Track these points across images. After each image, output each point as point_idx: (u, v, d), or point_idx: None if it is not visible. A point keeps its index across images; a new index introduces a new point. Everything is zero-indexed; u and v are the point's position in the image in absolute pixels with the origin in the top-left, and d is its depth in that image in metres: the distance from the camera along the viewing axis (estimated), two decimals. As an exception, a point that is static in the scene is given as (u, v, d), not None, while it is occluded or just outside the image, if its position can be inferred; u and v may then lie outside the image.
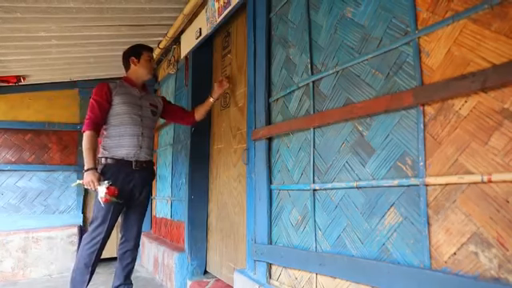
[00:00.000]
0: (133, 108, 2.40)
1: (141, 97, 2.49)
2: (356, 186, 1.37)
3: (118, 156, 2.34)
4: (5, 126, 4.03)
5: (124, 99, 2.37)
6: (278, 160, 1.87)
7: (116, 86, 2.40)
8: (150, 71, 2.55)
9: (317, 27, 1.65)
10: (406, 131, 1.20)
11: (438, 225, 1.07)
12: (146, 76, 2.54)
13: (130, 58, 2.50)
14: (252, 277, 1.94)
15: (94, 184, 2.19)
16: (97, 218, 2.28)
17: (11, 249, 3.78)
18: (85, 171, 2.21)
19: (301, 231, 1.67)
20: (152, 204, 4.35)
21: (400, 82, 1.23)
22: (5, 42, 2.95)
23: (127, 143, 2.36)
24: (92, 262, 2.26)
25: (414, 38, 1.18)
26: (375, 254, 1.28)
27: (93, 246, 2.26)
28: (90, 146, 2.23)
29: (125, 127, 2.36)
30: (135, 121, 2.39)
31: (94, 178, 2.19)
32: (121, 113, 2.36)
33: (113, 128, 2.36)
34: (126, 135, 2.36)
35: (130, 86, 2.47)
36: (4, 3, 2.38)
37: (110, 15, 2.81)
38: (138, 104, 2.44)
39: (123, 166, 2.33)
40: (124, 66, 2.56)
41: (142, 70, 2.50)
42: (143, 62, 2.50)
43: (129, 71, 2.53)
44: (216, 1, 2.55)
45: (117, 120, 2.36)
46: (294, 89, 1.77)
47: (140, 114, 2.43)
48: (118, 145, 2.35)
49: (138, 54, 2.50)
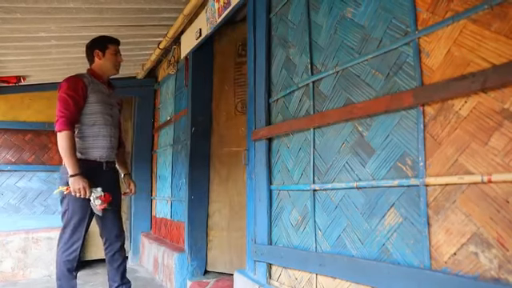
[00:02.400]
0: (105, 107, 2.26)
1: (109, 94, 2.35)
2: (356, 186, 1.37)
3: (91, 158, 2.19)
4: (5, 126, 4.03)
5: (98, 97, 2.21)
6: (278, 160, 1.87)
7: (90, 81, 2.21)
8: (116, 66, 2.36)
9: (317, 27, 1.65)
10: (406, 131, 1.20)
11: (438, 225, 1.07)
12: (111, 71, 2.35)
13: (94, 50, 2.30)
14: (252, 277, 1.94)
15: (86, 191, 2.03)
16: (70, 224, 2.13)
17: (11, 249, 3.78)
18: (70, 177, 2.01)
19: (301, 231, 1.67)
20: (152, 204, 4.35)
21: (400, 83, 1.23)
22: (5, 43, 2.95)
23: (101, 145, 2.23)
24: (75, 267, 2.18)
25: (414, 38, 1.18)
26: (375, 254, 1.28)
27: (73, 252, 2.15)
28: (71, 147, 2.04)
29: (98, 128, 2.22)
30: (107, 121, 2.26)
31: (86, 185, 2.02)
32: (94, 112, 2.20)
33: (86, 128, 2.19)
34: (100, 136, 2.22)
35: (99, 83, 2.28)
36: (4, 4, 2.38)
37: (110, 15, 2.81)
38: (108, 103, 2.30)
39: (96, 168, 2.20)
40: (87, 59, 2.36)
41: (107, 63, 2.31)
42: (108, 56, 2.31)
43: (93, 65, 2.33)
44: (216, 1, 2.55)
45: (90, 120, 2.19)
46: (294, 89, 1.77)
47: (111, 114, 2.31)
48: (92, 146, 2.20)
49: (103, 47, 2.31)
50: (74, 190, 2.02)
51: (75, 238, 2.15)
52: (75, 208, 2.11)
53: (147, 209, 4.35)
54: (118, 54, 2.38)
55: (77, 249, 2.16)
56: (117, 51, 2.37)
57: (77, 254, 2.17)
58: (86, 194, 2.03)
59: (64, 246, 2.15)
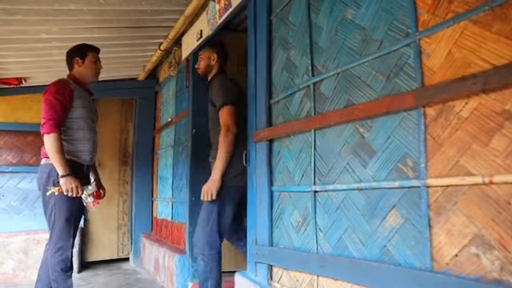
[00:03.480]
0: (88, 112, 2.33)
1: (90, 101, 2.43)
2: (357, 187, 1.37)
3: (77, 160, 2.26)
4: (6, 127, 4.03)
5: (82, 103, 2.29)
6: (279, 162, 1.87)
7: (74, 87, 2.28)
8: (95, 73, 2.42)
9: (317, 29, 1.65)
10: (406, 133, 1.20)
11: (439, 226, 1.07)
12: (90, 78, 2.42)
13: (73, 58, 2.37)
14: (253, 279, 1.94)
15: (79, 190, 2.09)
16: (58, 224, 2.16)
17: (12, 250, 3.78)
18: (61, 177, 2.07)
19: (302, 233, 1.66)
20: (153, 205, 4.35)
21: (401, 84, 1.23)
22: (6, 44, 2.96)
23: (86, 148, 2.30)
24: (69, 267, 2.20)
25: (414, 39, 1.18)
26: (376, 255, 1.28)
27: (64, 251, 2.17)
28: (61, 150, 2.10)
29: (83, 132, 2.29)
30: (89, 126, 2.33)
31: (78, 184, 2.09)
32: (79, 117, 2.27)
33: (71, 131, 2.26)
34: (85, 140, 2.29)
35: (81, 89, 2.35)
36: (5, 5, 2.39)
37: (111, 17, 2.82)
38: (90, 108, 2.38)
39: (79, 170, 2.25)
40: (68, 66, 2.42)
41: (86, 71, 2.37)
42: (88, 63, 2.37)
43: (73, 71, 2.39)
44: (217, 2, 2.56)
45: (75, 124, 2.26)
46: (294, 90, 1.77)
47: (92, 119, 2.39)
48: (77, 149, 2.27)
49: (83, 55, 2.36)
50: (66, 190, 2.07)
51: (65, 237, 2.17)
52: (62, 208, 2.15)
53: (148, 210, 4.35)
54: (98, 62, 2.44)
55: (68, 248, 2.19)
56: (96, 59, 2.43)
57: (69, 254, 2.19)
58: (78, 193, 2.09)
59: (54, 246, 2.17)
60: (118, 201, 4.62)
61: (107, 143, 4.58)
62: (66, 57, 2.40)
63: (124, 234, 4.58)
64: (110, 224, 4.52)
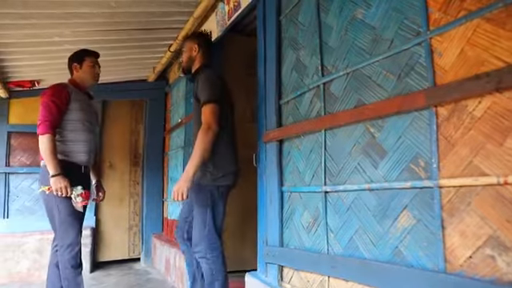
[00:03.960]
0: (86, 115, 2.38)
1: (89, 104, 2.49)
2: (368, 188, 1.36)
3: (72, 160, 2.31)
4: (20, 129, 4.11)
5: (79, 106, 2.34)
6: (289, 162, 1.87)
7: (72, 90, 2.34)
8: (94, 77, 2.48)
9: (327, 29, 1.64)
10: (418, 133, 1.19)
11: (452, 227, 1.06)
12: (88, 82, 2.48)
13: (72, 64, 2.45)
14: (263, 279, 1.94)
15: (67, 190, 2.14)
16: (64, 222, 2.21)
17: (27, 250, 3.84)
18: (52, 177, 2.12)
19: (312, 233, 1.66)
20: (163, 206, 4.38)
21: (412, 83, 1.22)
22: (20, 48, 3.01)
23: (82, 149, 2.34)
24: (78, 263, 2.24)
25: (425, 38, 1.17)
26: (388, 256, 1.27)
27: (74, 247, 2.21)
28: (53, 150, 2.16)
29: (79, 133, 2.34)
30: (87, 128, 2.39)
31: (67, 184, 2.13)
32: (76, 119, 2.32)
33: (66, 133, 2.31)
34: (81, 141, 2.34)
35: (80, 92, 2.42)
36: (20, 10, 2.43)
37: (121, 20, 2.85)
38: (88, 111, 2.44)
39: (75, 170, 2.29)
40: (69, 71, 2.50)
41: (84, 76, 2.44)
42: (85, 68, 2.44)
43: (73, 76, 2.47)
44: (226, 3, 2.57)
45: (72, 125, 2.31)
46: (304, 91, 1.76)
47: (90, 121, 2.44)
48: (73, 150, 2.31)
49: (81, 60, 2.44)
50: (55, 189, 2.12)
51: (72, 233, 2.21)
52: (66, 206, 2.20)
53: (159, 211, 4.38)
54: (96, 66, 2.50)
55: (76, 244, 2.22)
56: (94, 63, 2.48)
57: (78, 250, 2.23)
58: (66, 193, 2.14)
59: (63, 244, 2.21)
60: (129, 201, 4.66)
61: (118, 145, 4.63)
62: (67, 63, 2.48)
63: (135, 235, 4.62)
64: (122, 224, 4.56)
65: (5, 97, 4.00)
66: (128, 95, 4.49)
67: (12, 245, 3.80)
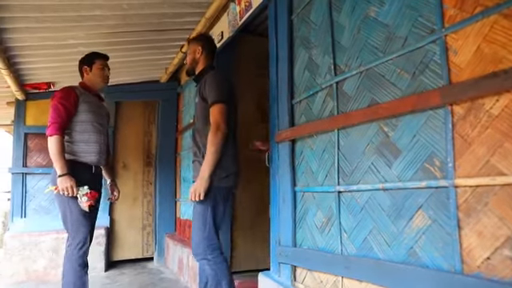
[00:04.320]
0: (95, 116, 2.43)
1: (99, 105, 2.54)
2: (382, 187, 1.35)
3: (82, 160, 2.35)
4: (36, 130, 4.18)
5: (89, 107, 2.39)
6: (302, 162, 1.86)
7: (81, 92, 2.40)
8: (104, 79, 2.53)
9: (339, 28, 1.63)
10: (433, 132, 1.17)
11: (469, 228, 1.04)
12: (99, 84, 2.53)
13: (82, 67, 2.50)
14: (277, 279, 1.94)
15: (73, 190, 2.17)
16: (74, 221, 2.26)
17: (43, 249, 3.92)
18: (59, 177, 2.17)
19: (326, 233, 1.65)
20: (176, 206, 4.41)
21: (426, 82, 1.20)
22: (36, 51, 3.07)
23: (91, 150, 2.38)
24: (86, 262, 2.27)
25: (440, 36, 1.15)
26: (403, 257, 1.25)
27: (82, 246, 2.25)
28: (61, 151, 2.21)
29: (88, 134, 2.38)
30: (97, 129, 2.43)
31: (73, 184, 2.18)
32: (85, 120, 2.37)
33: (76, 134, 2.36)
34: (90, 142, 2.39)
35: (90, 95, 2.47)
36: (36, 13, 2.48)
37: (134, 21, 2.88)
38: (98, 113, 2.48)
39: (85, 170, 2.34)
40: (80, 74, 2.55)
41: (94, 78, 2.49)
42: (95, 71, 2.48)
43: (83, 79, 2.53)
44: (238, 4, 2.57)
45: (81, 127, 2.37)
46: (317, 90, 1.76)
47: (101, 123, 2.48)
48: (83, 151, 2.36)
49: (90, 63, 2.49)
50: (62, 189, 2.17)
51: (83, 233, 2.26)
52: (76, 205, 2.24)
53: (171, 210, 4.41)
54: (106, 68, 2.54)
55: (85, 243, 2.27)
56: (104, 65, 2.52)
57: (86, 248, 2.27)
58: (73, 193, 2.18)
59: (73, 242, 2.26)
60: (143, 201, 4.71)
61: (131, 145, 4.69)
62: (78, 66, 2.53)
63: (148, 234, 4.66)
64: (135, 224, 4.62)
65: (22, 99, 4.09)
66: (141, 96, 4.54)
67: (29, 243, 3.88)
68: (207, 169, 1.89)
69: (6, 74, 3.19)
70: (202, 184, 1.89)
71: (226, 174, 1.97)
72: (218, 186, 1.95)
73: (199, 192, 1.89)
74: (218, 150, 1.91)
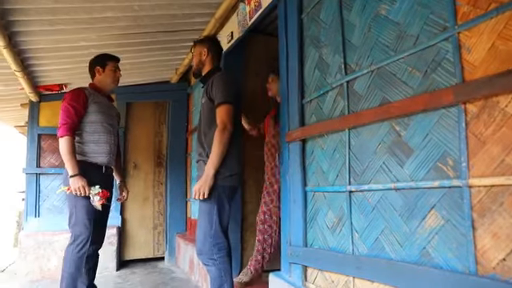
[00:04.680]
0: (105, 117, 2.45)
1: (109, 106, 2.55)
2: (394, 187, 1.33)
3: (92, 161, 2.37)
4: (49, 131, 4.24)
5: (98, 108, 2.41)
6: (313, 162, 1.85)
7: (90, 93, 2.42)
8: (115, 81, 2.56)
9: (350, 26, 1.62)
10: (446, 131, 1.16)
11: (483, 229, 1.02)
12: (110, 85, 2.56)
13: (95, 67, 2.51)
14: (287, 279, 1.94)
15: (86, 189, 2.19)
16: (78, 223, 2.27)
17: (57, 248, 3.97)
18: (70, 177, 2.20)
19: (337, 233, 1.64)
20: (187, 206, 4.43)
21: (439, 80, 1.19)
22: (49, 53, 3.12)
23: (102, 150, 2.40)
24: (83, 265, 2.27)
25: (453, 33, 1.13)
26: (415, 257, 1.24)
27: (82, 248, 2.26)
28: (72, 151, 2.23)
29: (98, 135, 2.40)
30: (107, 129, 2.45)
31: (85, 184, 2.20)
32: (95, 121, 2.39)
33: (86, 134, 2.38)
34: (101, 142, 2.41)
35: (100, 95, 2.49)
36: (49, 16, 2.52)
37: (145, 23, 2.91)
38: (109, 113, 2.50)
39: (96, 170, 2.36)
40: (90, 74, 2.57)
41: (106, 79, 2.51)
42: (108, 72, 2.51)
43: (94, 80, 2.55)
44: (247, 4, 2.57)
45: (91, 128, 2.39)
46: (327, 89, 1.75)
47: (111, 124, 2.50)
48: (93, 151, 2.38)
49: (103, 64, 2.51)
50: (74, 189, 2.19)
51: (84, 234, 2.26)
52: (82, 207, 2.26)
53: (182, 210, 4.44)
54: (117, 70, 2.57)
55: (85, 245, 2.26)
56: (116, 67, 2.57)
57: (85, 251, 2.27)
58: (85, 192, 2.20)
59: (74, 243, 2.27)
60: (153, 201, 4.75)
61: (142, 146, 4.73)
62: (89, 66, 2.55)
63: (159, 234, 4.70)
64: (146, 224, 4.65)
65: (35, 100, 4.16)
66: (151, 97, 4.58)
67: (43, 242, 3.95)
68: (212, 167, 1.91)
69: (21, 76, 3.24)
70: (207, 182, 1.90)
71: (230, 173, 1.98)
72: (223, 185, 1.96)
73: (203, 190, 1.91)
74: (224, 149, 1.92)
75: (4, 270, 4.48)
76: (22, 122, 5.65)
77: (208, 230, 1.95)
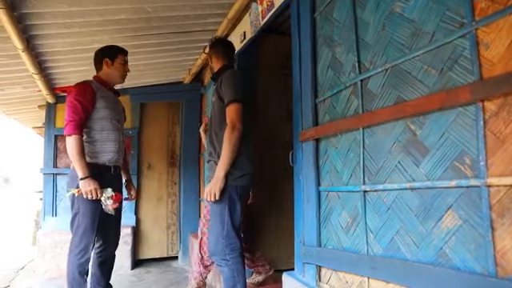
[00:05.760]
0: (113, 113, 2.30)
1: (116, 101, 2.40)
2: (409, 187, 1.31)
3: (100, 162, 2.23)
4: (65, 132, 4.33)
5: (106, 103, 2.26)
6: (326, 161, 1.84)
7: (97, 87, 2.25)
8: (123, 75, 2.41)
9: (363, 25, 1.61)
10: (463, 129, 1.13)
11: (503, 229, 1.00)
12: (117, 80, 2.40)
13: (103, 58, 2.33)
14: (301, 279, 1.93)
15: (98, 192, 2.07)
16: (81, 227, 2.14)
17: (72, 247, 4.04)
18: (81, 179, 2.06)
19: (351, 234, 1.63)
20: (200, 206, 4.46)
21: (456, 78, 1.16)
22: (65, 55, 3.18)
23: (109, 149, 2.26)
24: (86, 270, 2.18)
25: (470, 30, 1.11)
26: (432, 258, 1.22)
27: (84, 254, 2.14)
28: (80, 151, 2.08)
29: (107, 132, 2.26)
30: (115, 126, 2.30)
31: (97, 186, 2.07)
32: (103, 117, 2.24)
33: (94, 132, 2.23)
34: (109, 141, 2.26)
35: (106, 89, 2.33)
36: (65, 19, 2.57)
37: (158, 24, 2.93)
38: (115, 109, 2.35)
39: (104, 172, 2.22)
40: (95, 66, 2.39)
41: (114, 72, 2.35)
42: (117, 65, 2.35)
43: (100, 72, 2.37)
44: (259, 4, 2.57)
45: (99, 124, 2.23)
46: (341, 88, 1.73)
47: (118, 120, 2.35)
48: (101, 150, 2.24)
49: (113, 56, 2.34)
50: (85, 192, 2.05)
51: (86, 240, 2.14)
52: (85, 211, 2.13)
53: (196, 210, 4.46)
54: (126, 64, 2.42)
55: (88, 251, 2.16)
56: (125, 61, 2.41)
57: (88, 257, 2.16)
58: (97, 195, 2.08)
59: (75, 249, 2.15)
60: (167, 201, 4.79)
61: (156, 146, 4.77)
62: (95, 57, 2.39)
63: (173, 234, 4.74)
64: (160, 224, 4.70)
65: (52, 102, 4.24)
66: (165, 97, 4.62)
67: (60, 241, 4.02)
68: (223, 168, 1.90)
69: (38, 78, 3.31)
70: (218, 183, 1.90)
71: (241, 173, 1.97)
72: (234, 185, 1.96)
73: (214, 192, 1.90)
74: (234, 149, 1.91)
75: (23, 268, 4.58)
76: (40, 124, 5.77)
77: (220, 231, 1.94)
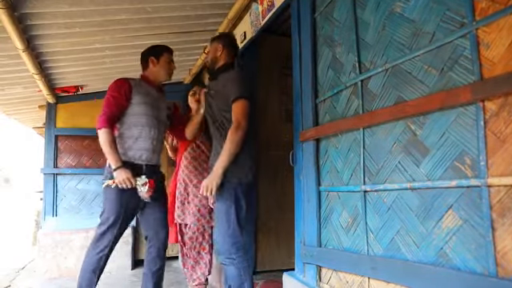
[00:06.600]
0: (151, 109, 2.27)
1: (158, 98, 2.38)
2: (410, 187, 1.31)
3: (128, 158, 2.19)
4: (66, 132, 4.33)
5: (143, 99, 2.24)
6: (327, 161, 1.84)
7: (136, 83, 2.26)
8: (169, 73, 2.43)
9: (364, 25, 1.61)
10: (463, 129, 1.13)
11: (504, 229, 1.00)
12: (163, 77, 2.41)
13: (149, 57, 2.37)
14: (301, 279, 1.93)
15: (131, 181, 2.08)
16: (105, 223, 2.14)
17: (74, 247, 4.05)
18: (114, 170, 2.07)
19: (351, 234, 1.63)
20: (200, 205, 4.45)
21: (456, 78, 1.16)
22: (66, 56, 3.18)
23: (141, 146, 2.22)
24: (100, 268, 2.14)
25: (471, 30, 1.11)
26: (432, 258, 1.22)
27: (100, 251, 2.12)
28: (111, 143, 2.10)
29: (141, 128, 2.22)
30: (152, 123, 2.26)
31: (130, 175, 2.08)
32: (138, 113, 2.22)
33: (127, 128, 2.22)
34: (142, 137, 2.22)
35: (148, 86, 2.33)
36: (66, 19, 2.57)
37: (159, 24, 2.93)
38: (155, 105, 2.32)
39: (133, 170, 2.15)
40: (142, 65, 2.43)
41: (160, 70, 2.37)
42: (162, 63, 2.37)
43: (146, 71, 2.39)
44: (260, 4, 2.57)
45: (133, 120, 2.22)
46: (341, 89, 1.73)
47: (157, 117, 2.31)
48: (130, 147, 2.21)
49: (158, 55, 2.37)
50: (119, 182, 2.07)
51: (106, 238, 2.14)
52: (112, 208, 2.14)
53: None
54: (172, 63, 2.44)
55: (104, 249, 2.13)
56: (171, 60, 2.43)
57: (104, 255, 2.14)
58: (131, 184, 2.09)
59: (94, 244, 2.15)
60: (168, 201, 4.78)
61: (157, 146, 4.76)
62: (142, 56, 2.42)
63: (174, 233, 4.74)
64: (161, 223, 4.69)
65: (52, 102, 4.24)
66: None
67: (61, 241, 4.03)
68: (221, 165, 1.89)
69: (38, 78, 3.31)
70: (215, 179, 1.89)
71: (244, 170, 1.97)
72: (238, 183, 1.95)
73: (211, 187, 1.89)
74: (237, 148, 1.90)
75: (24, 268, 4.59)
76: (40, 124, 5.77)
77: (226, 230, 1.93)
